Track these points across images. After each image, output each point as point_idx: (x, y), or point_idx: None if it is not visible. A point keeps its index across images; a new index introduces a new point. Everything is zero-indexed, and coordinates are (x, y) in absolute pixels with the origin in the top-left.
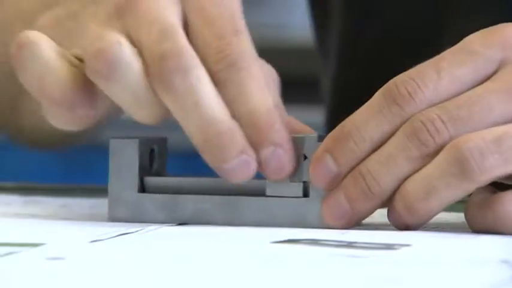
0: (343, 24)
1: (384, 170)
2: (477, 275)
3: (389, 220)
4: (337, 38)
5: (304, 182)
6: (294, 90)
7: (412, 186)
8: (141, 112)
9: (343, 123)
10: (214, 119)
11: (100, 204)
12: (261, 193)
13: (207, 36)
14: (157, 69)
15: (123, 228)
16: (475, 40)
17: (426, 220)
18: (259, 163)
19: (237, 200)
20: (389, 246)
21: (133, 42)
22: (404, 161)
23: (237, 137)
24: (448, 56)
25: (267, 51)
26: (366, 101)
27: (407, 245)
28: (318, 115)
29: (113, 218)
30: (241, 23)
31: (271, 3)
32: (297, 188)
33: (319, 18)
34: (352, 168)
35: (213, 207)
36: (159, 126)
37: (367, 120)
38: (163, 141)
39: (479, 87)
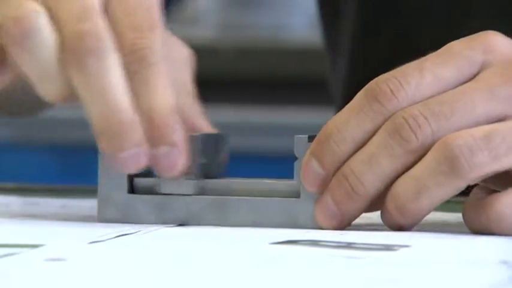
0: (354, 24)
1: (366, 169)
2: (476, 275)
3: (382, 221)
4: (349, 39)
5: (199, 180)
6: (292, 91)
7: (403, 186)
8: (46, 87)
9: (325, 124)
10: (118, 107)
11: None
12: (251, 193)
13: (124, 26)
14: (72, 47)
15: (122, 229)
16: (458, 44)
17: (418, 220)
18: (154, 159)
19: (228, 200)
20: (388, 247)
21: (51, 17)
22: (387, 158)
23: (136, 129)
24: (431, 57)
25: (266, 52)
26: None
27: (407, 246)
28: (317, 116)
29: (102, 219)
30: (158, 18)
31: (271, 5)
32: (190, 186)
33: (328, 18)
34: (336, 171)
35: (204, 208)
36: None
37: (347, 120)
38: None
39: (462, 86)
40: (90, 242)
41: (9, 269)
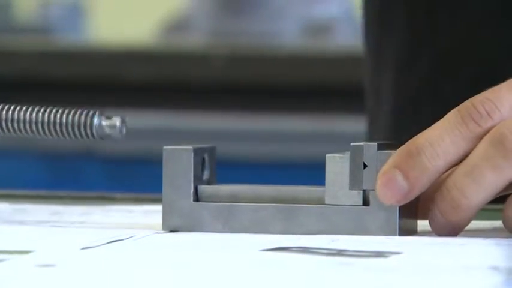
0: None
1: (469, 182)
2: (468, 281)
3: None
4: (398, 48)
5: (364, 190)
6: (284, 97)
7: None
8: None
9: (414, 138)
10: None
11: (90, 211)
12: (319, 201)
13: None
14: None
15: (113, 235)
16: None
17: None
18: None
19: (295, 208)
20: (379, 254)
21: None
22: (491, 170)
23: None
24: None
25: (257, 59)
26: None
27: (398, 253)
28: (308, 122)
29: (167, 227)
30: None
31: (262, 11)
32: (357, 197)
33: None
34: (423, 186)
35: (271, 216)
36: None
37: (441, 135)
38: (212, 150)
39: None
40: (81, 248)
41: (0, 274)
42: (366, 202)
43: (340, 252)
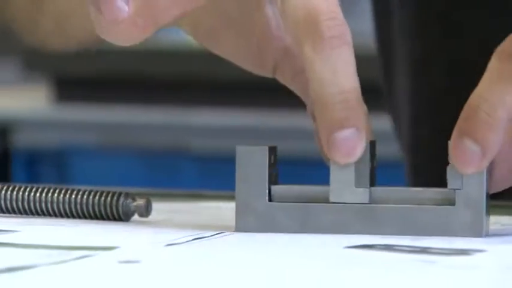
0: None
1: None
2: None
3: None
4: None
5: (370, 188)
6: None
7: None
8: None
9: (468, 101)
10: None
11: (179, 208)
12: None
13: None
14: None
15: (199, 232)
16: None
17: None
18: (332, 143)
19: (374, 208)
20: (463, 252)
21: None
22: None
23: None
24: None
25: None
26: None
27: (482, 251)
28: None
29: (240, 228)
30: None
31: None
32: (363, 194)
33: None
34: (494, 142)
35: (350, 216)
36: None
37: (490, 87)
38: (275, 149)
39: None
40: (166, 245)
41: (83, 270)
42: (450, 202)
43: (424, 250)
